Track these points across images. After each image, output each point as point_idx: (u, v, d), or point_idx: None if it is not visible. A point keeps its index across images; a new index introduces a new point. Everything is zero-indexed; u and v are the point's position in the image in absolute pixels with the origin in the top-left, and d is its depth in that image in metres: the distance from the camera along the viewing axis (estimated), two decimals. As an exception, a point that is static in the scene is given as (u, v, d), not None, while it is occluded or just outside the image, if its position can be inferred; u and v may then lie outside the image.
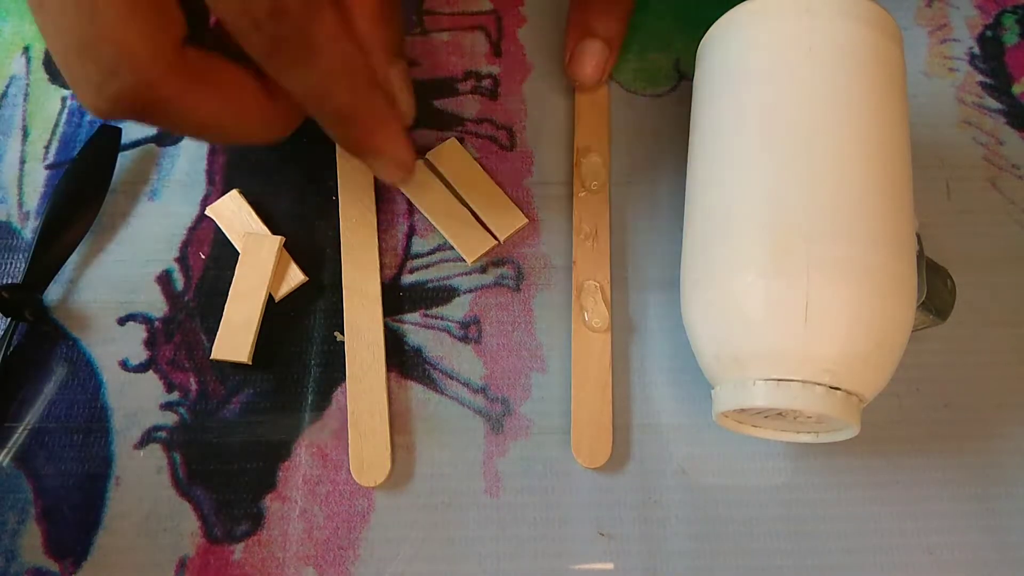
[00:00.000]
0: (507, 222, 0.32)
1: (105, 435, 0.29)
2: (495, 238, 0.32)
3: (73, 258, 0.32)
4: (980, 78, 0.35)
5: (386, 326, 0.31)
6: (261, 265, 0.31)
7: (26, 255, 0.31)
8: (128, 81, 0.19)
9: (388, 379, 0.30)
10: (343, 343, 0.30)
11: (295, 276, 0.31)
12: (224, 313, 0.30)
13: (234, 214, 0.32)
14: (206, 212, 0.32)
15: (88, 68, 0.19)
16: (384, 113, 0.24)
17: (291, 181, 0.33)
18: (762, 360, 0.24)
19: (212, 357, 0.30)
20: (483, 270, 0.32)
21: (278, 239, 0.31)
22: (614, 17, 0.34)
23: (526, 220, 0.32)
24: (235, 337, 0.30)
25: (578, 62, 0.33)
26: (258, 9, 0.18)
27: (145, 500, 0.28)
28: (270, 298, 0.31)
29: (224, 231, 0.32)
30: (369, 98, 0.23)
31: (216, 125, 0.22)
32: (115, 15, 0.18)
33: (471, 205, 0.32)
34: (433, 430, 0.29)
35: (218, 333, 0.30)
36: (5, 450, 0.29)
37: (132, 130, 0.35)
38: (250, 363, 0.30)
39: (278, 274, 0.31)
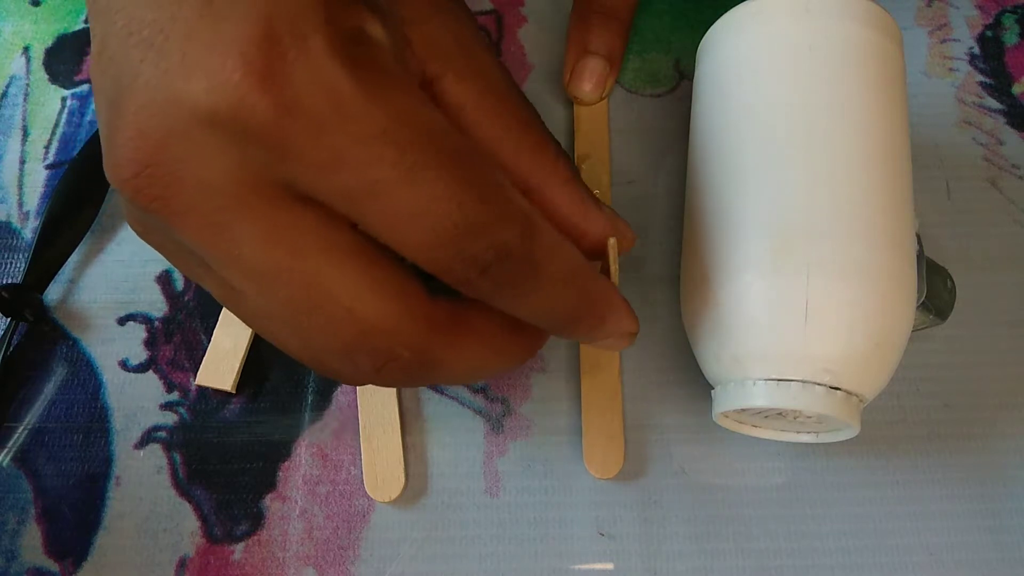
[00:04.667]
0: None
1: (105, 435, 0.29)
2: None
3: (73, 258, 0.32)
4: (980, 78, 0.35)
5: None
6: None
7: (26, 255, 0.31)
8: (405, 355, 0.18)
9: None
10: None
11: None
12: (212, 338, 0.30)
13: None
14: None
15: (363, 360, 0.18)
16: (609, 292, 0.22)
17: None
18: (762, 360, 0.24)
19: (196, 383, 0.29)
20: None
21: None
22: (613, 34, 0.34)
23: None
24: (221, 364, 0.29)
25: (578, 80, 0.33)
26: (483, 259, 0.17)
27: (145, 500, 0.28)
28: None
29: None
30: (595, 288, 0.21)
31: (483, 366, 0.20)
32: (372, 306, 0.17)
33: None
34: (433, 430, 0.29)
35: (204, 358, 0.30)
36: (5, 450, 0.29)
37: (132, 130, 0.35)
38: (234, 392, 0.29)
39: None
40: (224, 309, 0.30)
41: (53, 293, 0.32)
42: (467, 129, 0.20)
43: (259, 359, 0.30)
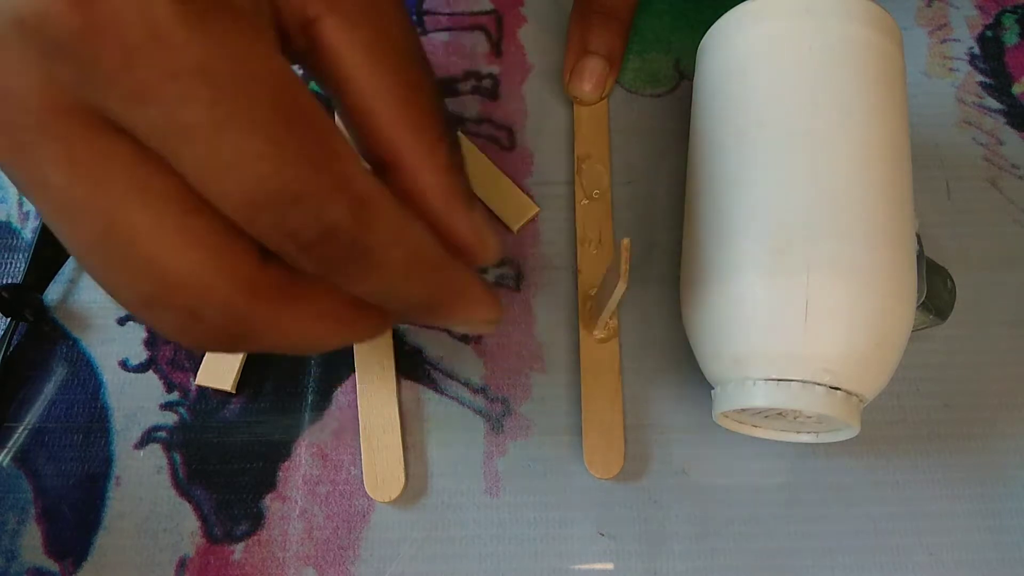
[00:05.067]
0: (519, 212, 0.32)
1: (105, 435, 0.29)
2: (508, 229, 0.32)
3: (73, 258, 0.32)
4: (980, 78, 0.35)
5: (386, 326, 0.31)
6: None
7: (26, 255, 0.31)
8: (215, 319, 0.16)
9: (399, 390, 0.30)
10: (343, 343, 0.30)
11: None
12: None
13: None
14: None
15: (166, 318, 0.16)
16: (464, 284, 0.20)
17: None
18: (762, 360, 0.24)
19: (196, 383, 0.29)
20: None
21: None
22: (613, 33, 0.34)
23: (537, 208, 0.32)
24: (221, 364, 0.30)
25: (578, 80, 0.33)
26: (303, 234, 0.16)
27: (145, 500, 0.28)
28: None
29: None
30: (447, 279, 0.19)
31: (314, 341, 0.19)
32: (177, 258, 0.15)
33: (481, 197, 0.32)
34: (433, 430, 0.29)
35: (204, 358, 0.30)
36: (5, 450, 0.29)
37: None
38: (234, 392, 0.29)
39: None
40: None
41: (53, 293, 0.32)
42: (341, 82, 0.18)
43: (259, 359, 0.30)
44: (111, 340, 0.31)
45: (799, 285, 0.23)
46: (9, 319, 0.30)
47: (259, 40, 0.15)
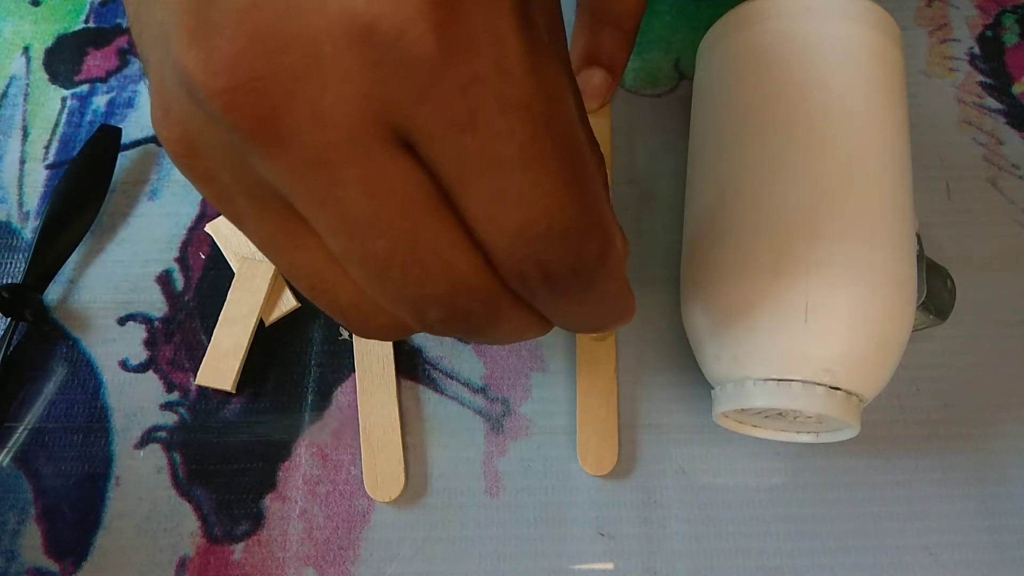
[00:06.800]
0: None
1: (105, 435, 0.29)
2: None
3: (73, 258, 0.32)
4: (980, 78, 0.35)
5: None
6: (254, 292, 0.30)
7: (26, 255, 0.31)
8: (476, 312, 0.17)
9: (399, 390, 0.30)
10: (344, 342, 0.30)
11: (288, 302, 0.31)
12: (212, 338, 0.30)
13: (232, 232, 0.32)
14: (206, 229, 0.32)
15: (430, 312, 0.17)
16: (630, 306, 0.21)
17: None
18: (762, 360, 0.24)
19: (196, 383, 0.29)
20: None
21: (273, 267, 0.31)
22: (619, 45, 0.33)
23: None
24: (221, 364, 0.29)
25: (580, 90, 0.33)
26: (556, 267, 0.16)
27: (145, 500, 0.28)
28: (261, 320, 0.31)
29: (221, 249, 0.32)
30: (625, 301, 0.20)
31: (523, 333, 0.19)
32: (467, 260, 0.16)
33: None
34: (433, 430, 0.29)
35: (204, 358, 0.30)
36: (5, 450, 0.29)
37: (132, 130, 0.35)
38: (234, 392, 0.29)
39: (271, 299, 0.31)
40: (225, 309, 0.30)
41: (53, 293, 0.32)
42: None
43: (259, 359, 0.30)
44: (111, 340, 0.31)
45: (799, 285, 0.23)
46: (9, 319, 0.30)
47: (564, 80, 0.15)
